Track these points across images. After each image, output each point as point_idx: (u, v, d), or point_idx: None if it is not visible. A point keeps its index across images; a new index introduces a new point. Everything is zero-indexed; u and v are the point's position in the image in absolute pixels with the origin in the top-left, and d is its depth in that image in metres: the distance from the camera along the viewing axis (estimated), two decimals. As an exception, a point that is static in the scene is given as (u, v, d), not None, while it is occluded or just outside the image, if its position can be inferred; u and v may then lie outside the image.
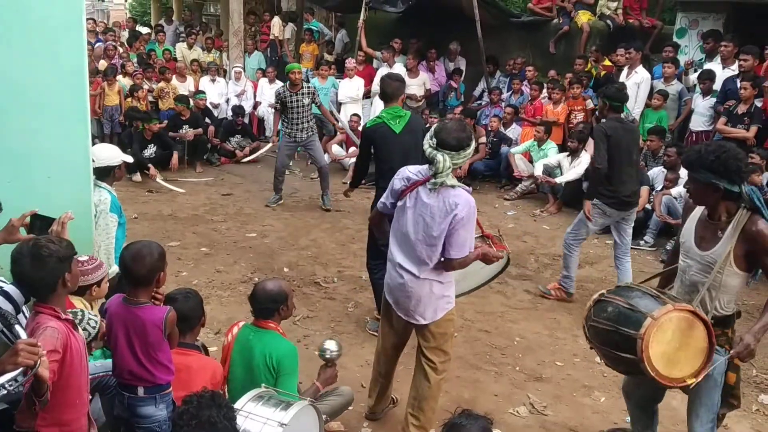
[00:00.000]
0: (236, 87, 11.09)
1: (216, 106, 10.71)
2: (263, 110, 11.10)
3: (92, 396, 2.90)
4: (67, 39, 3.53)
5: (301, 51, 11.82)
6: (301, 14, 13.02)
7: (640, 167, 7.53)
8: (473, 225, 3.18)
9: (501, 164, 8.93)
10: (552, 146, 8.47)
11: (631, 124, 5.89)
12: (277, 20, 12.47)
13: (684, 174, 6.92)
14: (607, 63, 9.20)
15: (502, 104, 9.55)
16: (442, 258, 3.19)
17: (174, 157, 8.96)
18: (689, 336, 2.76)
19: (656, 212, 6.88)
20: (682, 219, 3.10)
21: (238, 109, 10.23)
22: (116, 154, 4.02)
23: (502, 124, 9.22)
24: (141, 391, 2.76)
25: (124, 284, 2.85)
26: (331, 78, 10.24)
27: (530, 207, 8.25)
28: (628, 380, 3.36)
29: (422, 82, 10.04)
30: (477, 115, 9.54)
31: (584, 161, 7.91)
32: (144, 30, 15.47)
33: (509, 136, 9.18)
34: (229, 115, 10.51)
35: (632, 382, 3.31)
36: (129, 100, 9.72)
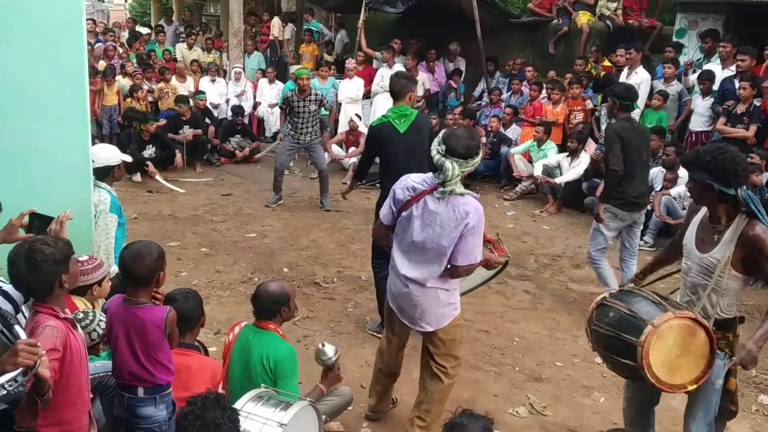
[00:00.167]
0: (236, 87, 11.09)
1: (216, 107, 10.72)
2: (263, 110, 11.11)
3: (93, 396, 2.90)
4: (67, 39, 3.53)
5: (301, 51, 11.83)
6: (301, 15, 13.02)
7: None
8: (481, 233, 3.16)
9: (501, 164, 8.94)
10: (551, 146, 8.48)
11: (643, 126, 5.80)
12: (277, 21, 12.48)
13: (683, 174, 6.93)
14: (607, 63, 9.20)
15: (502, 104, 9.56)
16: (449, 265, 3.16)
17: (178, 156, 8.97)
18: (690, 343, 2.75)
19: (656, 212, 6.88)
20: (686, 221, 3.09)
21: (238, 109, 10.23)
22: (115, 154, 4.01)
23: (502, 125, 9.23)
24: (141, 392, 2.76)
25: (124, 284, 2.85)
26: (331, 78, 10.24)
27: (530, 207, 8.25)
28: (629, 382, 3.35)
29: (421, 83, 10.02)
30: (477, 116, 9.55)
31: (583, 161, 7.92)
32: (144, 30, 15.47)
33: (509, 137, 9.18)
34: (229, 116, 10.51)
35: (634, 385, 3.31)
36: (128, 101, 9.72)
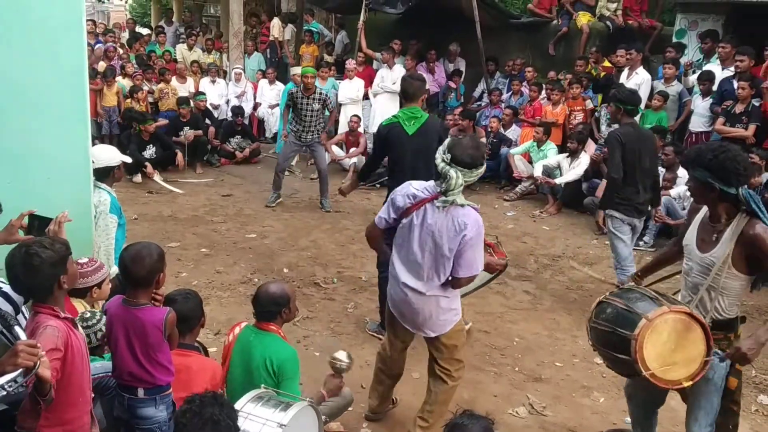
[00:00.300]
0: (236, 88, 11.10)
1: (216, 107, 10.72)
2: (263, 111, 11.11)
3: (94, 396, 2.90)
4: (67, 39, 3.53)
5: (301, 52, 11.84)
6: (301, 15, 13.03)
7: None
8: (481, 244, 3.15)
9: (500, 165, 8.94)
10: (551, 147, 8.48)
11: (647, 130, 5.70)
12: (277, 21, 12.49)
13: (682, 174, 6.94)
14: (607, 64, 9.20)
15: (502, 105, 9.57)
16: (450, 276, 3.16)
17: (179, 156, 8.98)
18: (686, 338, 2.75)
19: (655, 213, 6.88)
20: (687, 221, 3.09)
21: (238, 110, 10.24)
22: (115, 155, 4.01)
23: (502, 125, 9.23)
24: (141, 393, 2.76)
25: (124, 285, 2.85)
26: (331, 79, 10.25)
27: (530, 208, 8.26)
28: (630, 382, 3.35)
29: (422, 83, 10.03)
30: (476, 116, 9.55)
31: (583, 162, 7.93)
32: (144, 31, 15.47)
33: (509, 137, 9.19)
34: (229, 116, 10.52)
35: (635, 385, 3.31)
36: (128, 101, 9.73)
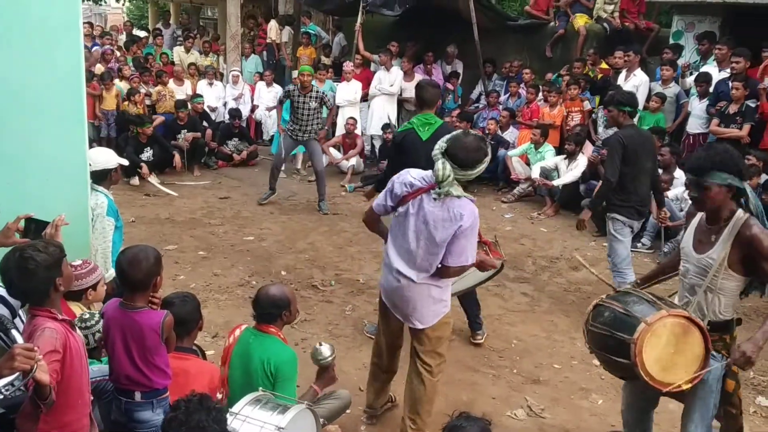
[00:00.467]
0: (234, 90, 11.10)
1: (213, 110, 10.71)
2: (261, 113, 11.11)
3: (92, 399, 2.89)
4: (64, 42, 3.53)
5: (299, 54, 11.84)
6: (298, 18, 13.02)
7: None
8: (475, 236, 3.17)
9: (498, 167, 8.95)
10: (549, 149, 8.49)
11: (647, 132, 5.73)
12: (274, 24, 12.49)
13: (679, 175, 6.94)
14: (604, 66, 9.21)
15: (500, 107, 9.57)
16: (440, 265, 3.18)
17: (177, 158, 8.97)
18: (684, 341, 2.76)
19: (653, 215, 6.88)
20: (685, 225, 3.10)
21: (235, 112, 10.24)
22: (112, 158, 4.01)
23: (499, 127, 9.24)
24: (138, 396, 2.76)
25: (122, 289, 2.85)
26: (329, 81, 10.26)
27: (528, 210, 8.26)
28: (628, 384, 3.35)
29: (419, 85, 10.04)
30: (474, 118, 9.55)
31: (581, 164, 7.94)
32: (141, 34, 15.48)
33: (506, 139, 9.20)
34: (227, 119, 10.51)
35: (633, 387, 3.31)
36: (126, 104, 9.73)
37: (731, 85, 7.09)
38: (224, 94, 11.09)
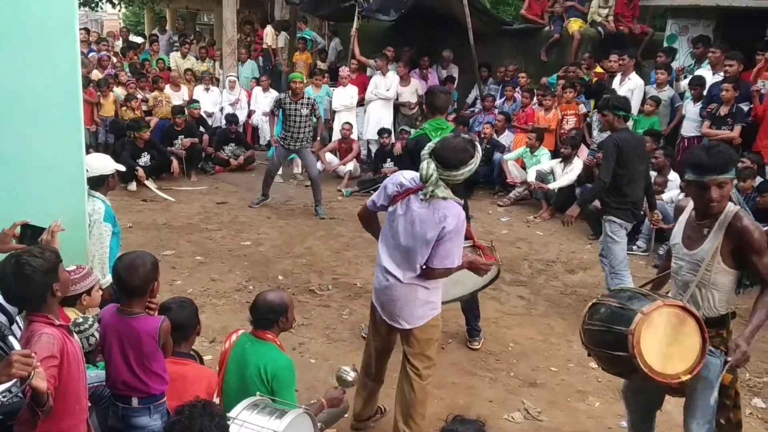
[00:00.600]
0: (230, 96, 11.10)
1: (210, 115, 10.72)
2: (257, 119, 11.12)
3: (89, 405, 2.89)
4: (61, 48, 3.52)
5: (295, 59, 11.87)
6: (294, 23, 13.05)
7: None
8: (461, 238, 3.18)
9: (494, 171, 8.97)
10: (544, 152, 8.52)
11: (641, 136, 5.85)
12: (270, 29, 12.52)
13: (673, 177, 6.98)
14: (599, 70, 9.25)
15: (495, 111, 9.60)
16: (425, 266, 3.20)
17: (175, 164, 8.96)
18: (681, 331, 2.76)
19: (647, 216, 6.91)
20: (674, 219, 3.11)
21: (232, 118, 10.25)
22: (109, 164, 4.01)
23: (495, 131, 9.27)
24: (135, 402, 2.76)
25: (119, 295, 2.85)
26: (325, 86, 10.28)
27: (523, 213, 8.28)
28: (629, 386, 3.34)
29: (414, 90, 10.09)
30: (470, 122, 9.58)
31: (576, 167, 7.96)
32: (138, 40, 15.49)
33: (502, 143, 9.22)
34: (223, 124, 10.52)
35: (633, 388, 3.30)
36: (123, 110, 9.74)
37: (721, 87, 7.15)
38: (221, 100, 11.10)
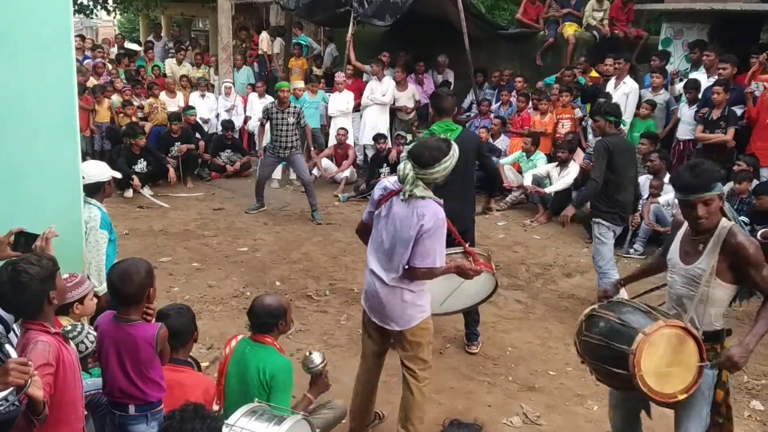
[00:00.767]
0: (226, 102, 11.11)
1: (206, 122, 10.72)
2: (253, 125, 11.11)
3: (86, 413, 2.87)
4: (56, 55, 3.51)
5: (290, 65, 11.88)
6: (290, 29, 13.06)
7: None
8: (440, 237, 3.19)
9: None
10: (541, 156, 8.54)
11: (630, 142, 5.96)
12: (266, 35, 12.53)
13: (668, 180, 6.99)
14: (594, 74, 9.27)
15: (491, 115, 9.62)
16: (407, 266, 3.22)
17: (171, 172, 8.95)
18: (680, 352, 2.76)
19: (645, 220, 6.93)
20: (671, 234, 3.10)
21: (228, 124, 10.25)
22: (105, 171, 4.00)
23: (491, 135, 9.28)
24: (132, 409, 2.75)
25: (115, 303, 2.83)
26: (321, 92, 10.30)
27: (520, 217, 8.29)
28: (615, 393, 3.32)
29: (411, 95, 10.11)
30: (466, 127, 9.58)
31: (573, 171, 7.98)
32: (133, 47, 15.49)
33: (498, 147, 9.24)
34: (219, 130, 10.52)
35: (621, 395, 3.30)
36: (121, 116, 9.73)
37: (713, 90, 7.18)
38: (216, 106, 11.10)
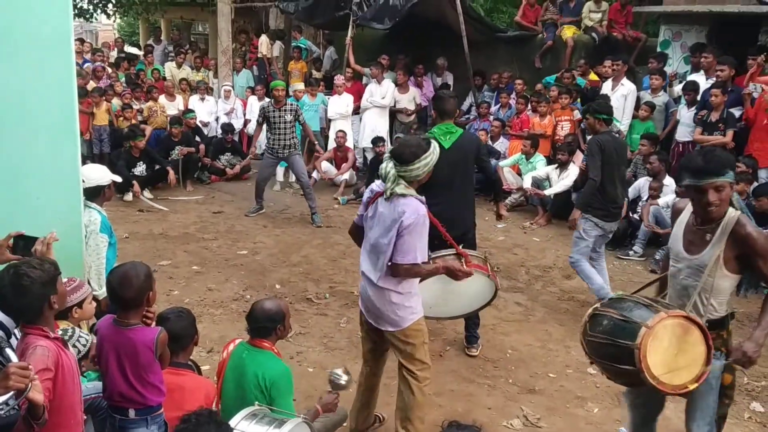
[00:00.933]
0: (225, 105, 11.12)
1: (206, 125, 10.74)
2: (253, 127, 11.12)
3: (85, 417, 2.87)
4: (56, 58, 3.52)
5: (290, 68, 11.89)
6: (289, 32, 13.09)
7: (629, 177, 7.68)
8: (420, 233, 3.21)
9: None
10: (540, 159, 8.54)
11: (621, 139, 6.02)
12: (265, 38, 12.55)
13: (669, 182, 7.01)
14: (594, 78, 9.25)
15: (491, 118, 9.63)
16: (389, 263, 3.24)
17: (171, 174, 8.94)
18: (686, 341, 2.74)
19: (644, 222, 6.94)
20: (671, 221, 3.10)
21: (228, 127, 10.26)
22: (105, 175, 4.01)
23: (490, 138, 9.29)
24: (132, 413, 2.74)
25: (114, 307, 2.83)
26: (321, 95, 10.31)
27: (520, 219, 8.29)
28: (630, 390, 3.32)
29: (412, 97, 10.13)
30: (466, 129, 9.59)
31: (572, 173, 7.98)
32: (133, 50, 15.51)
33: (497, 150, 9.25)
34: (219, 134, 10.53)
35: (636, 392, 3.28)
36: (120, 120, 9.74)
37: (711, 92, 7.19)
38: (216, 109, 11.12)
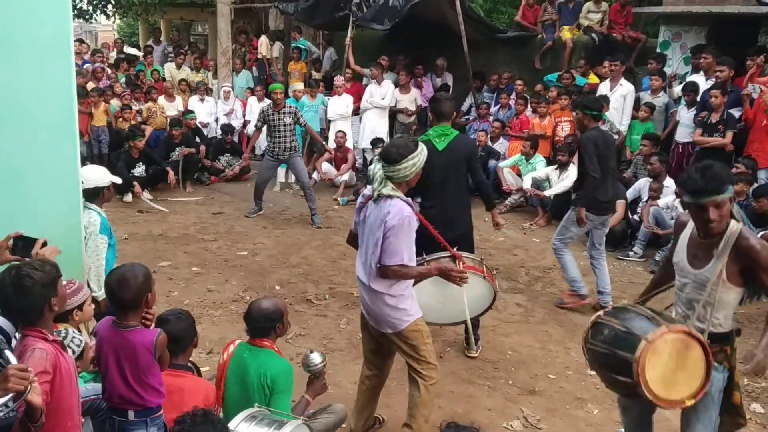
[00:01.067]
0: (225, 106, 11.12)
1: (205, 126, 10.74)
2: (252, 129, 11.12)
3: (84, 419, 2.87)
4: (55, 59, 3.52)
5: (290, 69, 11.89)
6: (289, 33, 13.09)
7: (629, 178, 7.69)
8: (407, 234, 3.21)
9: (489, 178, 8.98)
10: (540, 159, 8.54)
11: (610, 134, 6.08)
12: (265, 39, 12.55)
13: (669, 183, 7.01)
14: (594, 80, 9.24)
15: (490, 118, 9.63)
16: (378, 265, 3.24)
17: (171, 174, 8.94)
18: (686, 357, 2.71)
19: (644, 223, 6.94)
20: (674, 237, 3.06)
21: (227, 128, 10.27)
22: (105, 176, 4.01)
23: (490, 139, 9.30)
24: (131, 415, 2.74)
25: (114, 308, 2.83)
26: (320, 96, 10.31)
27: (520, 220, 8.29)
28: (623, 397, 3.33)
29: (414, 98, 10.13)
30: (465, 130, 9.61)
31: (572, 174, 7.96)
32: (133, 51, 15.50)
33: (497, 150, 9.25)
34: (219, 134, 10.53)
35: (628, 399, 3.29)
36: (120, 120, 9.74)
37: (710, 93, 7.19)
38: (216, 110, 11.12)
